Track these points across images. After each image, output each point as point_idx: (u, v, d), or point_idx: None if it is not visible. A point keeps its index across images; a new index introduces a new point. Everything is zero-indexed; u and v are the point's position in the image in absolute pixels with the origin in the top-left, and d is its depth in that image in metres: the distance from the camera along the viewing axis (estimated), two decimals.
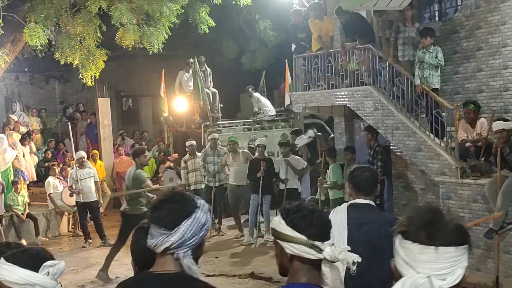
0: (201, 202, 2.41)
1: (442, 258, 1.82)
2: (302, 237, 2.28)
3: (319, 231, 2.30)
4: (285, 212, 2.37)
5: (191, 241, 2.33)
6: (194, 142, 12.97)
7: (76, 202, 12.19)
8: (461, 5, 10.31)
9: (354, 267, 2.29)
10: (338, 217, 4.04)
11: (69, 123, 13.83)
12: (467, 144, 8.64)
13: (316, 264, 2.32)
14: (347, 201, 4.40)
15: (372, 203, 4.18)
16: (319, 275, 2.34)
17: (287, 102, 14.57)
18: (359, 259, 2.28)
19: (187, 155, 12.87)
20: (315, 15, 11.72)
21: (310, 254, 2.28)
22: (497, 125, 7.90)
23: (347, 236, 3.94)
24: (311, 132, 11.77)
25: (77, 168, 12.08)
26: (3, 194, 11.91)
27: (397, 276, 1.92)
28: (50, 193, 13.06)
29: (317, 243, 2.28)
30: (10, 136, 13.71)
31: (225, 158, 12.25)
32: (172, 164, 14.21)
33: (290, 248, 2.30)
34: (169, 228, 2.32)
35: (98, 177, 12.51)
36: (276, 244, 2.39)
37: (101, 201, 12.77)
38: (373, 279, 3.82)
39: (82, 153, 12.54)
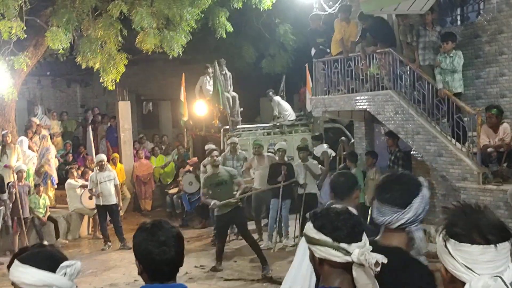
0: (422, 179, 2.74)
1: (501, 255, 1.82)
2: (328, 239, 2.27)
3: (346, 233, 2.27)
4: (314, 215, 2.39)
5: (421, 216, 2.62)
6: (213, 146, 12.97)
7: (96, 205, 12.26)
8: (483, 9, 10.19)
9: (377, 269, 2.21)
10: None
11: (90, 127, 13.92)
12: (489, 149, 8.53)
13: (347, 268, 2.29)
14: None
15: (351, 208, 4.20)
16: (351, 279, 2.30)
17: (308, 106, 14.51)
18: (385, 260, 2.21)
19: (206, 159, 12.85)
20: (343, 17, 11.61)
21: (337, 256, 2.26)
22: None
23: None
24: (324, 147, 12.05)
25: (97, 171, 12.16)
26: (27, 196, 12.04)
27: (447, 279, 1.91)
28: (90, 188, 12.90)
29: (343, 245, 2.25)
30: (36, 138, 13.85)
31: (249, 161, 12.20)
32: (191, 168, 14.24)
33: (318, 252, 2.31)
34: (402, 207, 2.60)
35: (118, 180, 12.56)
36: (309, 249, 2.39)
37: (121, 204, 12.82)
38: None
39: (103, 156, 12.61)
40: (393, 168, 10.74)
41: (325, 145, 13.03)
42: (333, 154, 12.79)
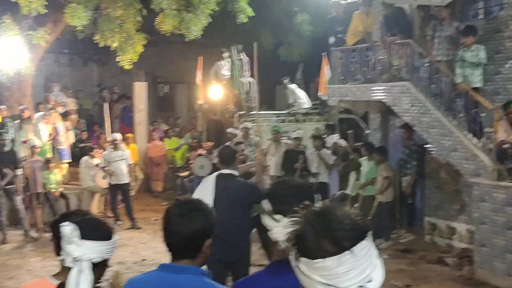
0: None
1: (361, 258, 1.53)
2: (269, 207, 2.39)
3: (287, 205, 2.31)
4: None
5: None
6: (235, 131, 12.95)
7: (108, 183, 12.32)
8: (506, 3, 10.03)
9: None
10: (209, 183, 5.74)
11: (106, 106, 13.89)
12: (505, 145, 8.42)
13: None
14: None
15: (235, 172, 5.80)
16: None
17: (319, 94, 14.45)
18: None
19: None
20: (364, 9, 11.61)
21: (268, 225, 2.37)
22: None
23: (215, 196, 5.53)
24: (334, 138, 12.13)
25: (111, 149, 12.19)
26: (41, 171, 12.13)
27: None
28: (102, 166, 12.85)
29: (278, 216, 2.32)
30: (50, 115, 13.92)
31: (267, 147, 12.15)
32: (204, 152, 14.24)
33: (262, 220, 2.42)
34: None
35: (130, 160, 12.59)
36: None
37: (133, 184, 12.85)
38: (229, 225, 5.39)
39: (117, 135, 12.62)
40: (407, 161, 10.67)
41: (336, 136, 12.97)
42: (344, 144, 12.74)
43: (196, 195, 5.50)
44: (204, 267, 2.50)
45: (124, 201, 12.44)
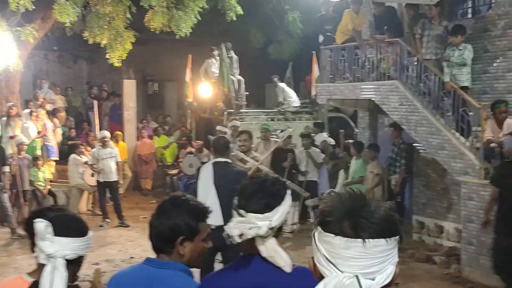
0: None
1: (371, 253, 1.51)
2: (236, 202, 2.41)
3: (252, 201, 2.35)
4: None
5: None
6: (224, 129, 12.93)
7: (96, 181, 12.26)
8: (494, 3, 10.09)
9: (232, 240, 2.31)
10: (207, 171, 6.19)
11: (95, 103, 13.82)
12: (492, 144, 8.46)
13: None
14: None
15: (229, 160, 6.42)
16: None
17: (312, 93, 14.46)
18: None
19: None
20: (354, 8, 11.63)
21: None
22: None
23: (214, 183, 6.06)
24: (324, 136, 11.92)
25: (100, 147, 12.14)
26: (29, 169, 12.05)
27: (316, 276, 1.62)
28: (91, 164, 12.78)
29: (242, 211, 2.33)
30: (38, 112, 13.84)
31: (255, 145, 12.14)
32: (193, 150, 14.22)
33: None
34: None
35: (119, 157, 12.54)
36: None
37: (121, 182, 12.80)
38: (229, 210, 5.33)
39: (106, 133, 12.56)
40: (395, 160, 10.71)
41: (324, 134, 13.00)
42: (333, 142, 12.79)
43: (200, 184, 6.21)
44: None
45: (112, 199, 12.39)
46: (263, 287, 2.30)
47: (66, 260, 2.38)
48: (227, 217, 6.02)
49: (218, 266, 7.11)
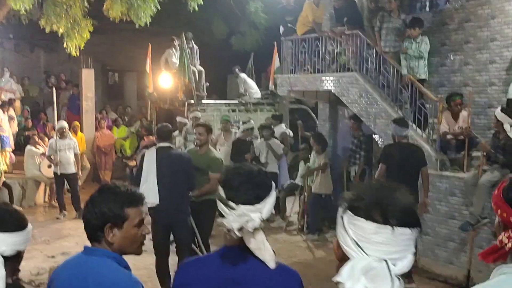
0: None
1: (397, 240, 1.63)
2: (222, 194, 2.32)
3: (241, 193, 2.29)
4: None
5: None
6: (184, 120, 12.80)
7: (54, 173, 12.01)
8: None
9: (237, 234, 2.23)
10: (151, 155, 6.78)
11: (54, 91, 13.50)
12: (449, 136, 8.59)
13: None
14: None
15: (171, 145, 7.08)
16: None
17: (271, 85, 14.46)
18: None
19: (176, 131, 12.59)
20: (314, 0, 11.66)
21: (224, 212, 2.31)
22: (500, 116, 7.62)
23: (157, 165, 6.64)
24: (283, 127, 12.19)
25: (58, 138, 11.87)
26: None
27: (338, 256, 1.74)
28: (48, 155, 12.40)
29: (232, 203, 2.24)
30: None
31: (216, 137, 12.07)
32: (147, 144, 14.00)
33: (218, 207, 2.34)
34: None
35: (78, 149, 12.29)
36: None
37: (80, 174, 12.56)
38: (170, 190, 6.58)
39: (64, 123, 12.28)
40: (355, 152, 10.78)
41: (283, 125, 13.01)
42: (291, 134, 12.80)
43: (144, 166, 6.73)
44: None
45: (71, 191, 12.15)
46: (243, 280, 2.26)
47: (4, 257, 2.28)
48: (165, 196, 6.55)
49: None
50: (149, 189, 6.47)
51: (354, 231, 1.66)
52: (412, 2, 11.04)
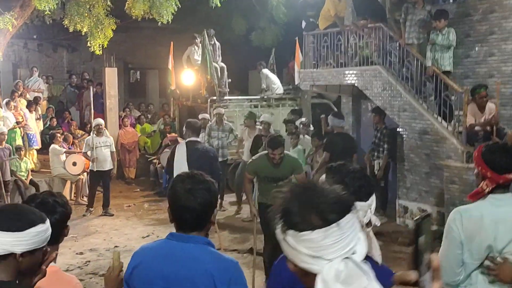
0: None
1: (347, 231, 1.56)
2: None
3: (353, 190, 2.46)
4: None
5: None
6: (207, 116, 12.83)
7: (90, 170, 12.10)
8: None
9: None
10: (181, 148, 7.54)
11: (92, 89, 13.57)
12: (476, 127, 8.52)
13: None
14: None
15: (199, 139, 7.91)
16: None
17: (296, 80, 14.42)
18: None
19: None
20: None
21: None
22: None
23: (187, 158, 7.35)
24: (303, 122, 12.12)
25: (94, 135, 11.96)
26: (9, 159, 11.91)
27: (301, 274, 1.63)
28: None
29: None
30: (17, 102, 13.68)
31: (241, 133, 12.09)
32: (170, 142, 14.09)
33: None
34: None
35: (114, 147, 12.35)
36: None
37: (115, 172, 12.64)
38: None
39: (100, 121, 12.31)
40: (378, 145, 10.74)
41: (303, 119, 12.98)
42: (311, 129, 12.73)
43: (176, 159, 7.46)
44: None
45: (103, 188, 12.25)
46: None
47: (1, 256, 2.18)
48: None
49: None
50: None
51: (306, 246, 1.57)
52: None
